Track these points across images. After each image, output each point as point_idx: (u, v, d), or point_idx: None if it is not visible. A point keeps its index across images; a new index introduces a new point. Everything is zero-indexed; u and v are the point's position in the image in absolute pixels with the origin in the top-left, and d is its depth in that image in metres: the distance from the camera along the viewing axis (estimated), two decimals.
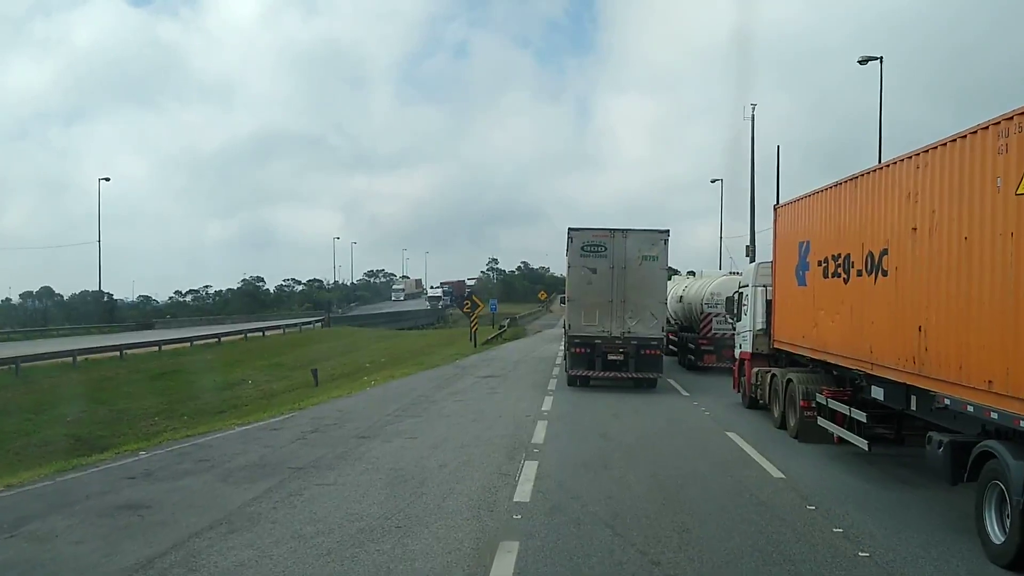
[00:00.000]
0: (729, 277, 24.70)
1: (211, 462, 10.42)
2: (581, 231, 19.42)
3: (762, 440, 12.33)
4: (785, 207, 14.05)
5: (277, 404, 23.04)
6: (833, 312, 11.06)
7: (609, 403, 16.90)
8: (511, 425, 13.42)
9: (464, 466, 10.05)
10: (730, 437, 12.59)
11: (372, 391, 19.69)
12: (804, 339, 12.49)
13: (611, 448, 11.57)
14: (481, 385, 19.96)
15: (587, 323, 19.13)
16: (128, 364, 32.30)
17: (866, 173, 10.10)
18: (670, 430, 13.59)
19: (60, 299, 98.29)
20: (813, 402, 11.76)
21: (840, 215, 10.89)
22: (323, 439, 12.16)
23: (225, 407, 24.92)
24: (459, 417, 14.40)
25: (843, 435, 10.55)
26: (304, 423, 13.92)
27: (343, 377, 28.75)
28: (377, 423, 13.71)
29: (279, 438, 12.31)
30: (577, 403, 16.70)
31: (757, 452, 11.22)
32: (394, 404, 16.37)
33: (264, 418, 15.20)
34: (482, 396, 17.67)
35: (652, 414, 15.47)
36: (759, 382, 14.90)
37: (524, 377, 22.11)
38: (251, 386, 29.01)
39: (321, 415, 14.94)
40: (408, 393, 18.51)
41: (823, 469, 10.40)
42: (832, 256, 11.10)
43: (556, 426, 13.33)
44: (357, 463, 10.23)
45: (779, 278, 14.13)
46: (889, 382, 9.24)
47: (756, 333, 15.64)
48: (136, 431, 21.10)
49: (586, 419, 14.44)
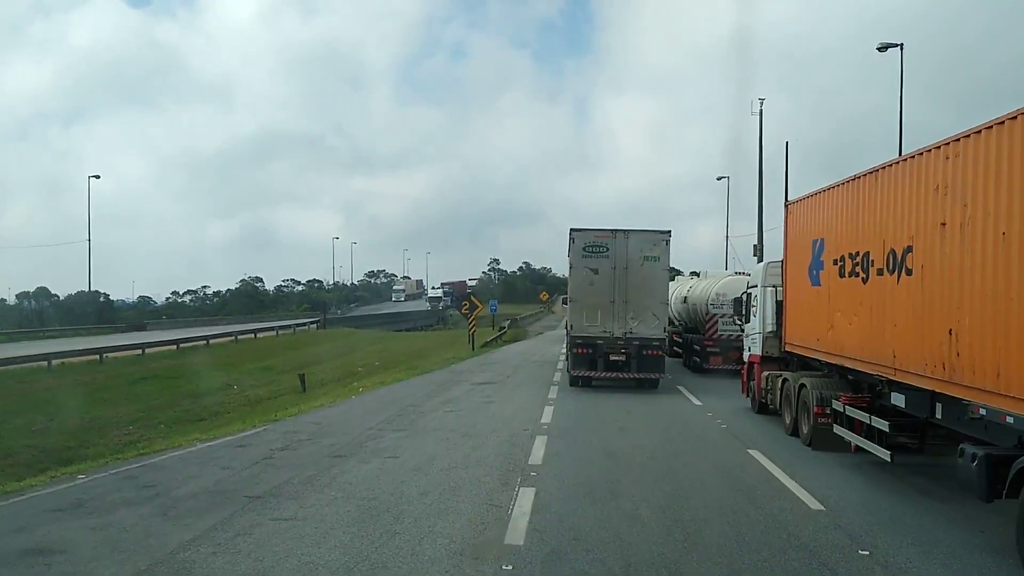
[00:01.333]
0: (735, 277, 24.21)
1: (157, 488, 8.99)
2: (583, 232, 19.31)
3: (786, 457, 10.93)
4: (797, 203, 13.20)
5: (260, 412, 21.69)
6: (851, 314, 10.40)
7: (615, 413, 15.48)
8: (506, 442, 12.00)
9: (449, 495, 8.63)
10: (752, 456, 11.17)
11: (358, 399, 18.27)
12: (818, 342, 11.81)
13: (619, 470, 10.13)
14: (476, 393, 18.53)
15: (589, 323, 19.00)
16: (107, 368, 30.84)
17: (888, 165, 9.44)
18: (683, 446, 12.16)
19: (56, 299, 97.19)
20: (828, 408, 11.17)
21: (858, 211, 10.25)
22: (292, 459, 10.74)
23: (206, 414, 23.50)
24: (449, 431, 12.98)
25: (863, 445, 9.90)
26: (275, 438, 12.50)
27: (333, 382, 27.32)
28: (357, 438, 12.29)
29: (243, 457, 10.88)
30: (580, 414, 15.27)
31: (786, 475, 9.79)
32: (379, 415, 14.95)
33: (234, 432, 13.77)
34: (476, 406, 16.24)
35: (662, 426, 14.04)
36: (769, 386, 14.22)
37: (523, 384, 20.68)
38: (236, 392, 27.58)
39: (296, 428, 13.51)
40: (396, 402, 17.09)
41: (861, 491, 9.09)
42: (849, 254, 10.46)
43: (557, 443, 11.91)
44: (325, 490, 8.81)
45: (791, 278, 13.45)
46: (912, 389, 8.66)
47: (766, 335, 14.95)
48: (107, 441, 19.70)
49: (590, 433, 13.02)
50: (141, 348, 34.51)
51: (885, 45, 25.65)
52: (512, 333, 46.28)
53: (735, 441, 12.51)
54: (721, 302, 23.24)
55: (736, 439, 12.67)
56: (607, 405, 16.71)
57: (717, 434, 13.34)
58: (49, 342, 40.70)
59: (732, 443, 12.37)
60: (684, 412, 16.10)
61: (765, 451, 11.40)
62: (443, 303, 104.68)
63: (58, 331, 51.65)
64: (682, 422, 14.62)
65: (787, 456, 11.10)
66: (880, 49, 25.68)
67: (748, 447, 11.86)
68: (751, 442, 12.27)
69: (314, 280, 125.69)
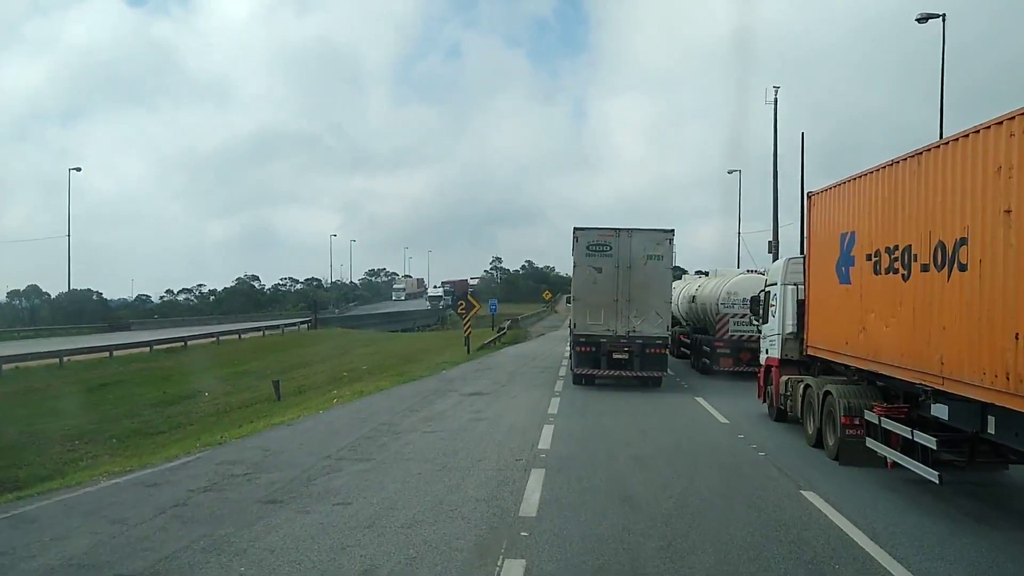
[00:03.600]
0: (747, 276, 23.63)
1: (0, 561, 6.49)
2: (586, 230, 19.35)
3: (865, 505, 8.38)
4: (822, 194, 12.24)
5: (224, 425, 19.31)
6: (888, 315, 9.49)
7: (626, 434, 12.96)
8: (493, 478, 9.49)
9: (401, 573, 6.12)
10: (809, 501, 8.61)
11: (328, 414, 15.72)
12: (848, 346, 10.91)
13: (640, 528, 7.55)
14: (465, 407, 16.00)
15: (592, 322, 19.01)
16: (66, 373, 28.30)
17: (935, 147, 8.53)
18: (718, 483, 9.56)
19: (48, 298, 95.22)
20: (857, 419, 10.30)
21: (897, 200, 9.34)
22: (211, 507, 8.22)
23: (166, 427, 21.09)
24: (424, 462, 10.47)
25: (904, 463, 8.89)
26: (205, 472, 9.99)
27: (312, 389, 24.82)
28: (307, 472, 9.77)
29: (148, 504, 8.37)
30: (585, 436, 12.73)
31: (868, 538, 7.23)
32: (345, 436, 12.44)
33: (163, 460, 11.27)
34: (463, 425, 13.70)
35: (686, 454, 11.49)
36: (789, 392, 13.27)
37: (520, 395, 18.14)
38: (206, 400, 25.13)
39: (237, 457, 10.99)
40: (371, 418, 14.56)
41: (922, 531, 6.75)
42: (886, 248, 9.55)
43: (556, 481, 9.38)
44: (232, 564, 6.29)
45: (814, 275, 12.57)
46: (960, 400, 7.91)
47: (785, 337, 14.11)
48: (43, 460, 17.31)
49: (598, 464, 10.47)
50: (108, 351, 31.93)
51: (925, 16, 23.16)
52: (512, 334, 43.71)
53: (782, 477, 9.94)
54: (732, 301, 22.41)
55: (783, 474, 10.11)
56: (617, 423, 14.19)
57: (755, 466, 10.76)
58: (12, 344, 38.11)
59: (778, 480, 9.80)
60: (709, 432, 13.56)
61: (826, 494, 8.86)
62: (443, 302, 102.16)
63: (34, 331, 49.24)
64: (709, 447, 12.08)
65: (863, 501, 8.57)
66: (920, 20, 23.22)
67: (800, 486, 9.32)
68: (800, 477, 9.74)
69: (312, 279, 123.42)
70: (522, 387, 19.73)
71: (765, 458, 11.13)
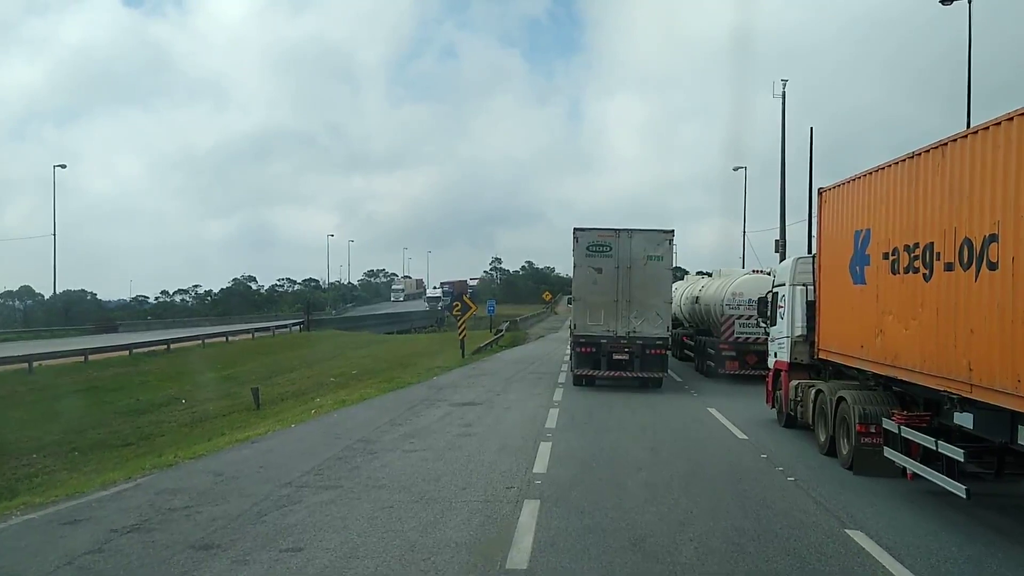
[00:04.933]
0: (753, 276, 23.05)
1: None
2: (586, 231, 19.31)
3: (928, 551, 6.89)
4: (834, 190, 11.67)
5: (197, 435, 17.86)
6: (908, 317, 8.98)
7: (635, 453, 11.51)
8: (478, 512, 8.00)
9: None
10: (856, 542, 7.13)
11: (301, 429, 14.20)
12: (862, 350, 10.38)
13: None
14: (453, 420, 14.50)
15: (592, 322, 18.98)
16: (35, 380, 26.70)
17: (961, 137, 7.99)
18: (747, 523, 7.97)
19: (41, 298, 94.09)
20: (873, 427, 9.80)
21: (918, 194, 8.79)
22: (133, 552, 6.73)
23: (136, 438, 19.60)
24: (399, 490, 8.98)
25: (929, 476, 8.29)
26: (140, 504, 8.49)
27: (295, 397, 23.33)
28: (258, 505, 8.28)
29: (58, 548, 6.87)
30: (588, 455, 11.23)
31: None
32: (314, 457, 10.94)
33: (90, 489, 9.73)
34: (449, 441, 12.20)
35: (705, 480, 9.98)
36: (799, 398, 12.73)
37: (515, 405, 16.62)
38: (183, 407, 23.63)
39: (182, 484, 9.47)
40: (348, 433, 13.05)
41: None
42: (906, 246, 9.03)
43: (554, 515, 7.90)
44: None
45: (826, 275, 12.05)
46: (987, 408, 7.43)
47: (795, 340, 13.49)
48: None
49: (603, 493, 8.97)
50: (84, 354, 30.36)
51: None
52: (510, 336, 42.18)
53: (820, 512, 8.44)
54: (738, 302, 21.84)
55: (821, 507, 8.62)
56: (623, 439, 12.69)
57: (786, 495, 9.24)
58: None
59: (816, 516, 8.30)
60: (727, 451, 12.06)
61: (872, 532, 7.39)
62: (442, 303, 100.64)
63: (16, 333, 47.64)
64: (730, 471, 10.55)
65: (892, 533, 7.08)
66: (943, 1, 21.73)
67: (843, 523, 7.83)
68: (842, 510, 8.27)
69: (310, 279, 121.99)
70: (518, 396, 18.22)
71: (796, 485, 9.62)
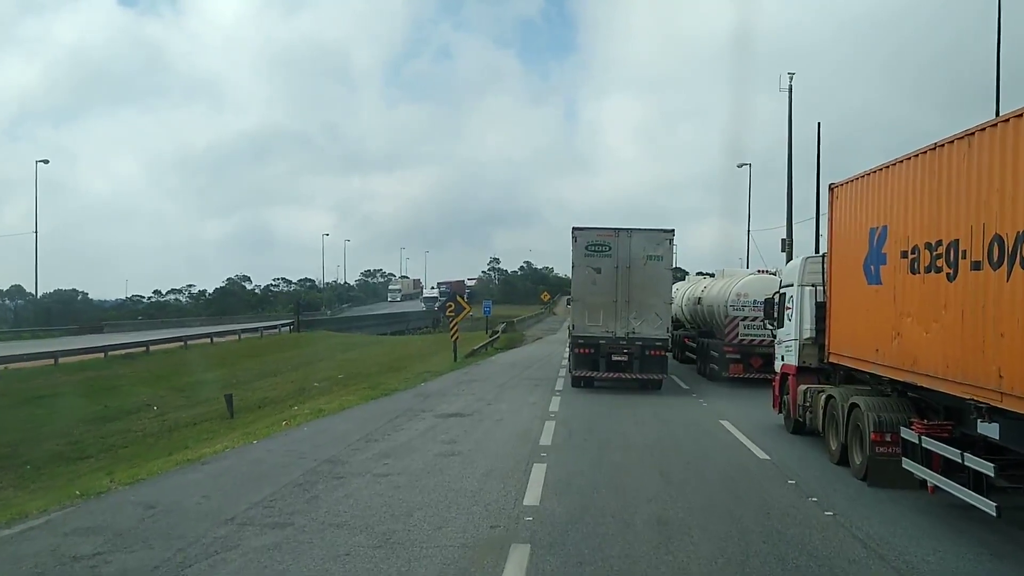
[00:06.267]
0: (758, 276, 22.61)
1: None
2: (585, 230, 19.12)
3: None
4: (846, 186, 11.20)
5: (162, 447, 16.33)
6: (928, 320, 8.58)
7: (644, 479, 9.94)
8: (453, 565, 6.48)
9: None
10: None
11: (263, 445, 12.56)
12: (878, 354, 9.93)
13: None
14: (437, 435, 12.93)
15: (591, 323, 18.78)
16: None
17: (990, 125, 7.40)
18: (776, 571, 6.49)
19: (32, 298, 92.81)
20: (888, 435, 9.40)
21: (941, 188, 8.34)
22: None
23: (96, 449, 18.09)
24: (360, 530, 7.43)
25: (957, 492, 7.73)
26: (41, 548, 6.93)
27: (273, 404, 21.77)
28: (184, 551, 6.72)
29: None
30: (590, 483, 9.64)
31: None
32: (268, 483, 9.37)
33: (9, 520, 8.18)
34: (429, 463, 10.63)
35: (729, 518, 8.40)
36: (808, 403, 12.31)
37: (508, 417, 15.05)
38: (154, 414, 22.10)
39: (104, 520, 7.91)
40: (314, 451, 11.48)
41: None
42: (927, 244, 8.63)
43: (549, 564, 6.39)
44: None
45: (837, 275, 11.64)
46: (1015, 417, 6.89)
47: (803, 342, 13.12)
48: None
49: (609, 535, 7.41)
50: (54, 357, 28.74)
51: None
52: (507, 338, 40.60)
53: (871, 559, 6.89)
54: (742, 303, 21.32)
55: (871, 553, 7.07)
56: (629, 461, 11.14)
57: (827, 536, 7.70)
58: None
59: (867, 564, 6.75)
60: (750, 476, 10.48)
61: None
62: (439, 304, 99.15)
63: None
64: (756, 503, 8.95)
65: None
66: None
67: (900, 572, 6.31)
68: (898, 557, 6.72)
69: (306, 279, 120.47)
70: (511, 405, 16.65)
71: (836, 522, 8.06)
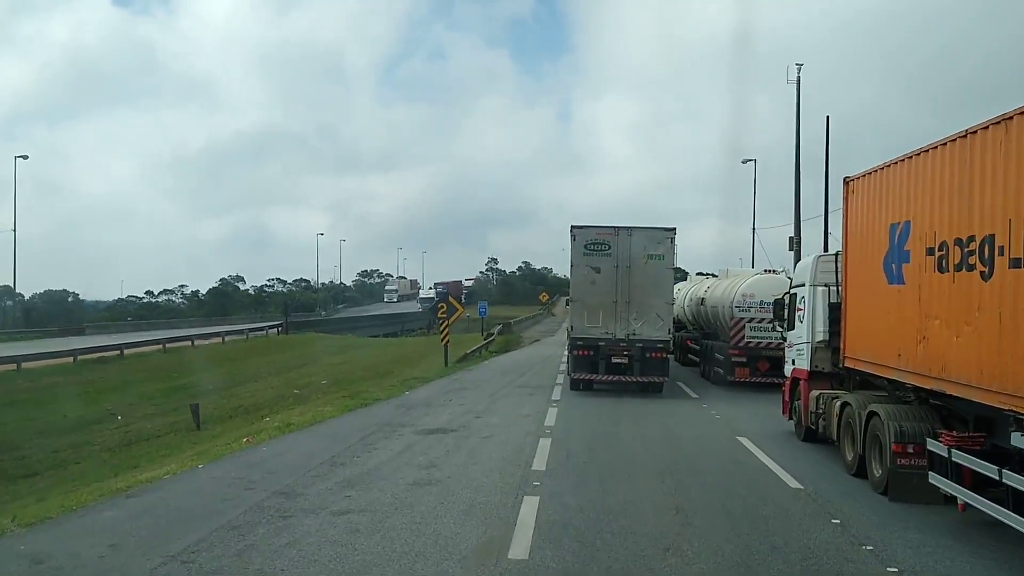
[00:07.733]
0: (765, 276, 21.95)
1: None
2: (584, 229, 18.76)
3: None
4: (863, 179, 10.73)
5: (113, 466, 14.61)
6: (959, 323, 7.83)
7: (657, 518, 8.16)
8: None
9: None
10: None
11: (211, 470, 10.73)
12: (900, 359, 9.28)
13: None
14: (415, 456, 11.19)
15: (591, 324, 18.42)
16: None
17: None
18: None
19: (21, 299, 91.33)
20: (911, 446, 8.73)
21: (973, 179, 7.64)
22: None
23: (43, 467, 16.38)
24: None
25: (992, 511, 6.95)
26: None
27: (246, 413, 20.06)
28: None
29: None
30: (591, 524, 7.84)
31: None
32: (198, 526, 7.59)
33: None
34: (399, 495, 8.87)
35: (766, 571, 6.70)
36: (822, 410, 11.79)
37: (497, 433, 13.30)
38: (117, 425, 20.40)
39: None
40: (268, 479, 9.70)
41: None
42: (956, 240, 7.91)
43: None
44: None
45: (854, 275, 11.19)
46: None
47: (815, 346, 12.65)
48: None
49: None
50: (16, 362, 26.99)
51: None
52: (502, 340, 38.91)
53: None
54: (749, 304, 20.64)
55: None
56: (637, 494, 9.28)
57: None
58: None
59: None
60: (783, 512, 8.72)
61: None
62: (435, 304, 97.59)
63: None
64: (796, 550, 7.23)
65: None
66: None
67: None
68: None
69: (301, 279, 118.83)
70: (502, 418, 14.89)
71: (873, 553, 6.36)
